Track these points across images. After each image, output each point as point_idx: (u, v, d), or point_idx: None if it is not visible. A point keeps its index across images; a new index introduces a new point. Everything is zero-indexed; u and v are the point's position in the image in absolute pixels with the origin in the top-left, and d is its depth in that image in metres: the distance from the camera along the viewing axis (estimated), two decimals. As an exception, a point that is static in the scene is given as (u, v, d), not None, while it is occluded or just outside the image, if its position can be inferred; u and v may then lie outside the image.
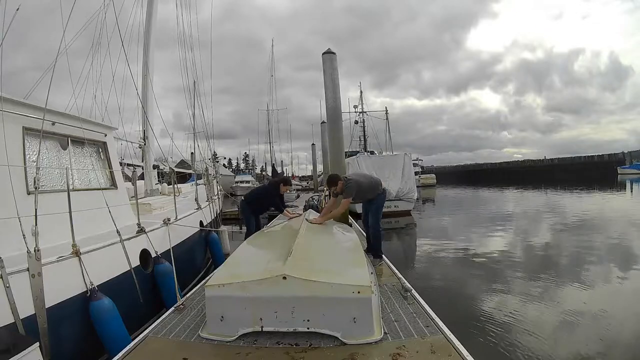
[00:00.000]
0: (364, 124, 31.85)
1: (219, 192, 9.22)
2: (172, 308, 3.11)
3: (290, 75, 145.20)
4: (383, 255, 4.50)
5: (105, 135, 4.57)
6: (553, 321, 4.20)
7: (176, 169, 11.79)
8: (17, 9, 4.49)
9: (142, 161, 8.05)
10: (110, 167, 4.54)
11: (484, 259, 7.35)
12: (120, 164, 6.24)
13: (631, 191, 22.56)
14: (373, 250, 4.50)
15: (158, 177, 11.25)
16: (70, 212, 2.95)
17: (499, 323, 4.17)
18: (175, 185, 6.86)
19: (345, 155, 8.89)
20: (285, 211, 5.25)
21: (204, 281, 3.60)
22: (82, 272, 2.93)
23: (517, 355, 3.47)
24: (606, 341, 3.69)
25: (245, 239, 5.11)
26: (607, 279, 5.82)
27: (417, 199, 15.15)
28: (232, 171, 51.95)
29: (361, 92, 32.47)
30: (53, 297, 2.62)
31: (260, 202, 5.29)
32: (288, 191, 5.89)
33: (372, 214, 4.48)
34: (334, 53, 7.57)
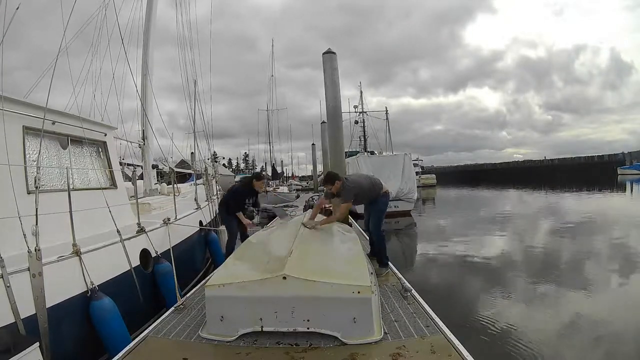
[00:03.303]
0: (364, 124, 31.94)
1: (218, 192, 9.22)
2: (172, 308, 3.11)
3: (285, 73, 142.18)
4: (389, 263, 4.13)
5: (105, 135, 4.56)
6: (553, 321, 4.20)
7: (176, 169, 11.75)
8: (17, 8, 4.48)
9: (142, 161, 8.04)
10: (110, 166, 4.53)
11: (484, 260, 7.36)
12: (120, 163, 6.24)
13: (631, 192, 22.56)
14: (377, 257, 4.15)
15: (157, 177, 11.22)
16: (70, 211, 2.95)
17: (499, 323, 4.17)
18: (175, 185, 6.85)
19: (345, 155, 8.88)
20: (240, 213, 4.91)
21: (204, 281, 3.60)
22: (83, 271, 2.93)
23: (517, 356, 3.47)
24: (606, 341, 3.70)
25: (227, 244, 4.97)
26: (607, 280, 5.83)
27: (417, 199, 15.16)
28: (232, 171, 51.91)
29: (361, 92, 32.61)
30: (53, 296, 2.62)
31: (236, 203, 5.04)
32: (263, 189, 5.38)
33: (372, 218, 4.16)
34: (334, 53, 7.58)
